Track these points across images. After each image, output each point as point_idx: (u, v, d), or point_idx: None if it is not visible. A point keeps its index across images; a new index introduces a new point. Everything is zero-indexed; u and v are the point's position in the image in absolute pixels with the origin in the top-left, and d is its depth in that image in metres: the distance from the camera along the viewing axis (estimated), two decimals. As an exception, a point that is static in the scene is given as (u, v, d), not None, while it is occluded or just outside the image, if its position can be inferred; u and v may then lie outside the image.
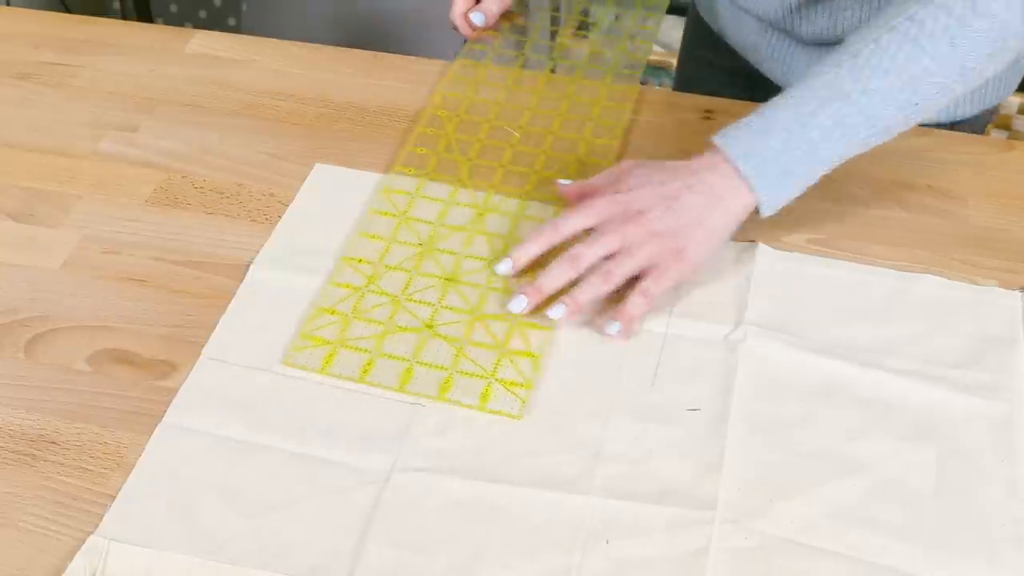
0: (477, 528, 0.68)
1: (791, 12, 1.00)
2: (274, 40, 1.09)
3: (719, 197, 0.79)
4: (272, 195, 0.91)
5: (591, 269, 0.79)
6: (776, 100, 0.81)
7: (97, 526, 0.67)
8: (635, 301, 0.78)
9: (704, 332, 0.79)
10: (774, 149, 0.79)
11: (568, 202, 0.86)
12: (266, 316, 0.80)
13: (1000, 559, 0.67)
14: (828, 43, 1.00)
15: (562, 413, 0.74)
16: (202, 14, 2.38)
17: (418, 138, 0.95)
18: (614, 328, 0.78)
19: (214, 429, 0.72)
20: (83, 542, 0.66)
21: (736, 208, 0.80)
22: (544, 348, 0.77)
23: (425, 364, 0.76)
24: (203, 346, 0.78)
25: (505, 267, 0.81)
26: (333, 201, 0.89)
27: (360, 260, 0.83)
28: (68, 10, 2.13)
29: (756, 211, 0.81)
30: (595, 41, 1.08)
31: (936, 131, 0.98)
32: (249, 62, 1.06)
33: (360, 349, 0.77)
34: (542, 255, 0.81)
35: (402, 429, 0.73)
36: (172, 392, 0.75)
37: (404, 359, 0.76)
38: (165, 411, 0.73)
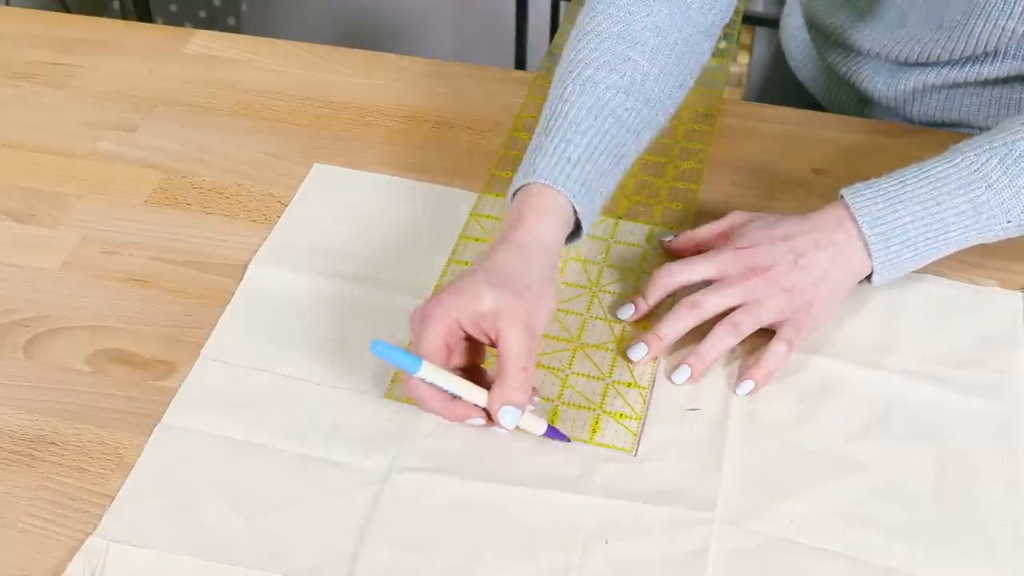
0: (476, 528, 0.67)
1: (904, 94, 0.98)
2: (274, 40, 1.09)
3: (841, 254, 0.76)
4: (271, 195, 0.91)
5: (711, 320, 0.76)
6: (916, 168, 0.77)
7: (96, 527, 0.67)
8: (777, 352, 0.75)
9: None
10: (902, 221, 0.75)
11: (678, 256, 0.82)
12: (265, 316, 0.80)
13: (1000, 559, 0.67)
14: (938, 125, 0.99)
15: (562, 413, 0.74)
16: (202, 14, 2.38)
17: (501, 161, 0.93)
18: (747, 388, 0.74)
19: (214, 429, 0.72)
20: (82, 543, 0.66)
21: (857, 267, 0.77)
22: (650, 379, 0.76)
23: None
24: (202, 346, 0.78)
25: (627, 312, 0.78)
26: (332, 201, 0.89)
27: None
28: (67, 10, 2.13)
29: (867, 277, 0.78)
30: None
31: (936, 131, 0.98)
32: (249, 62, 1.06)
33: None
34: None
35: (401, 429, 0.73)
36: (172, 392, 0.75)
37: None
38: (165, 411, 0.73)
